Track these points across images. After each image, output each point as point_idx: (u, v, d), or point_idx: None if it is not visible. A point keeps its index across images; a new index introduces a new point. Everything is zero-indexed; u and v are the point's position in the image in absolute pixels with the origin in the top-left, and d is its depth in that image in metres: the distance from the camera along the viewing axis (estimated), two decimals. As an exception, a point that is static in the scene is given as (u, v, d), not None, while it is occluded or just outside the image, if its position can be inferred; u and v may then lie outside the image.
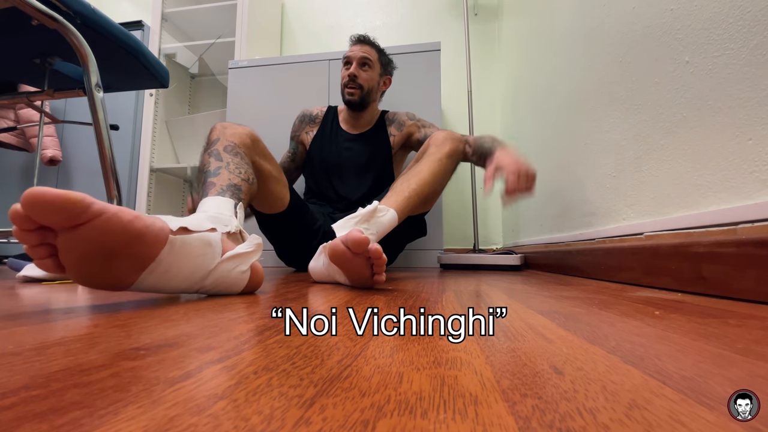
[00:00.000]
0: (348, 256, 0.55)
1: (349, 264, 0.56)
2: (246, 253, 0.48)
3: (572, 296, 0.48)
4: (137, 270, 0.38)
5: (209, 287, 0.46)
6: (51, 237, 0.33)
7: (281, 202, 0.95)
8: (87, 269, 0.35)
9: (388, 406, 0.14)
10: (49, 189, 0.31)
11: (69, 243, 0.33)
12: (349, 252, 0.55)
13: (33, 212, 0.31)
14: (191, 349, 0.21)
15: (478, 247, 1.56)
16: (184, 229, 0.42)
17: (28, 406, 0.13)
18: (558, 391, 0.15)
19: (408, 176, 0.84)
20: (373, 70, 1.20)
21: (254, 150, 0.78)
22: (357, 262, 0.55)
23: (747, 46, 0.46)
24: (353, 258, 0.55)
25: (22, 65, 0.97)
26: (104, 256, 0.35)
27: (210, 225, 0.47)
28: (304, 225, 1.05)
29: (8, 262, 0.74)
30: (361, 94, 1.18)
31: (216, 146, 0.70)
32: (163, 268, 0.40)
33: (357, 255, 0.55)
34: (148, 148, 1.92)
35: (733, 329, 0.27)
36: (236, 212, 0.58)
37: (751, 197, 0.46)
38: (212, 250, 0.45)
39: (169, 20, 2.01)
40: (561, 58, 1.09)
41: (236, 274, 0.47)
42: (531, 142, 1.41)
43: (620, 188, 0.75)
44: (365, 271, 0.56)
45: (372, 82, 1.20)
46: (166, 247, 0.39)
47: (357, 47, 1.20)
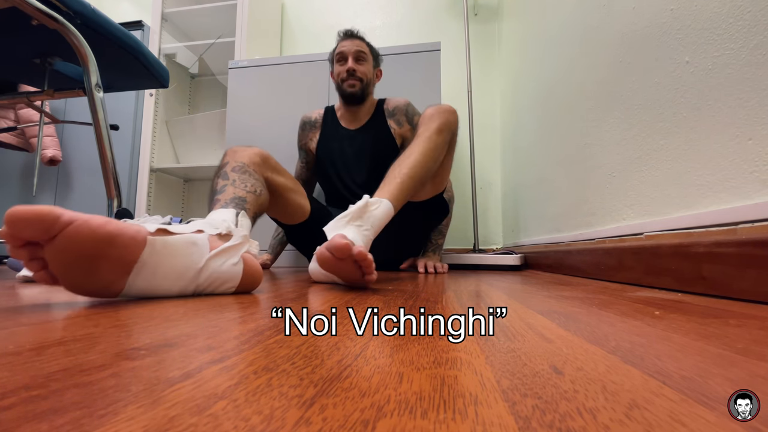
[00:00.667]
0: (334, 261, 0.55)
1: (338, 268, 0.56)
2: (233, 246, 0.50)
3: (572, 296, 0.48)
4: (123, 273, 0.40)
5: (205, 285, 0.46)
6: (40, 251, 0.36)
7: (302, 210, 0.98)
8: (75, 277, 0.38)
9: (388, 406, 0.14)
10: (24, 207, 0.34)
11: (52, 254, 0.36)
12: (334, 258, 0.55)
13: (14, 230, 0.34)
14: (191, 349, 0.21)
15: (478, 247, 1.56)
16: (163, 230, 0.44)
17: (28, 406, 0.13)
18: (558, 391, 0.15)
19: (399, 162, 0.80)
20: (368, 62, 1.22)
21: (265, 167, 0.81)
22: (344, 266, 0.55)
23: (747, 46, 0.46)
24: (339, 263, 0.55)
25: (22, 65, 0.97)
26: (86, 261, 0.37)
27: (197, 228, 0.49)
28: None
29: (8, 262, 0.74)
30: (361, 86, 1.19)
31: (225, 168, 0.73)
32: (149, 270, 0.41)
33: (343, 260, 0.54)
34: (148, 148, 1.92)
35: (733, 329, 0.27)
36: (237, 220, 0.59)
37: (751, 197, 0.46)
38: (198, 249, 0.46)
39: (169, 20, 2.01)
40: (561, 59, 1.09)
41: (228, 267, 0.48)
42: (531, 142, 1.41)
43: (620, 188, 0.75)
44: (355, 273, 0.56)
45: (369, 75, 1.22)
46: (147, 248, 0.41)
47: (348, 42, 1.20)
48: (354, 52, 1.19)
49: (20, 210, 0.33)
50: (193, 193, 2.24)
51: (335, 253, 0.54)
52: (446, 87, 2.01)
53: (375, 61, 1.25)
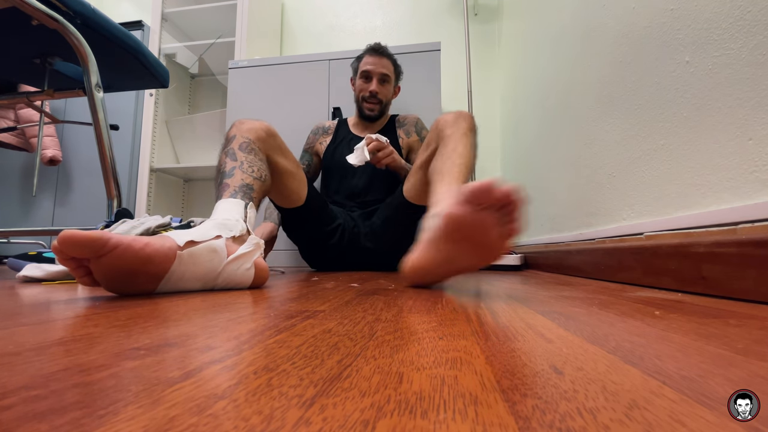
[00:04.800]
0: (472, 215, 0.44)
1: (474, 228, 0.44)
2: (247, 252, 0.55)
3: (572, 296, 0.48)
4: (155, 281, 0.47)
5: (221, 285, 0.54)
6: (86, 261, 0.43)
7: (297, 196, 0.98)
8: (115, 285, 0.45)
9: (388, 406, 0.14)
10: (77, 232, 0.40)
11: (98, 268, 0.43)
12: (474, 208, 0.43)
13: (66, 249, 0.41)
14: (191, 349, 0.21)
15: (478, 247, 1.56)
16: (191, 242, 0.50)
17: (28, 406, 0.13)
18: (558, 391, 0.15)
19: (444, 158, 0.73)
20: (390, 84, 1.25)
21: (270, 145, 0.81)
22: (484, 219, 0.44)
23: (747, 46, 0.46)
24: (479, 215, 0.43)
25: (22, 65, 0.97)
26: (126, 275, 0.44)
27: (216, 233, 0.53)
28: (323, 221, 1.07)
29: (8, 262, 0.74)
30: (380, 108, 1.24)
31: (232, 144, 0.74)
32: (177, 276, 0.48)
33: (485, 209, 0.43)
34: (148, 148, 1.92)
35: (733, 329, 0.27)
36: (246, 212, 0.63)
37: (751, 197, 0.46)
38: (218, 255, 0.52)
39: (169, 20, 2.01)
40: (561, 58, 1.09)
41: (242, 271, 0.55)
42: (531, 142, 1.41)
43: (620, 188, 0.75)
44: (493, 229, 0.44)
45: (389, 96, 1.26)
46: (176, 261, 0.47)
47: (376, 60, 1.21)
48: (380, 74, 1.21)
49: (73, 234, 0.40)
50: (193, 193, 2.24)
51: (480, 195, 0.42)
52: (446, 87, 2.01)
53: (396, 79, 1.28)
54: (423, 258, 0.54)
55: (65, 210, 2.05)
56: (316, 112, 1.55)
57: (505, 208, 0.43)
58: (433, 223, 0.51)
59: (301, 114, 1.57)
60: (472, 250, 0.48)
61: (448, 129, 0.79)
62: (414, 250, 0.56)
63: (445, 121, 0.81)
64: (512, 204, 0.42)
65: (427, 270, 0.54)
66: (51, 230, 1.18)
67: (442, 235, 0.49)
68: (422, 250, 0.54)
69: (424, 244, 0.54)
